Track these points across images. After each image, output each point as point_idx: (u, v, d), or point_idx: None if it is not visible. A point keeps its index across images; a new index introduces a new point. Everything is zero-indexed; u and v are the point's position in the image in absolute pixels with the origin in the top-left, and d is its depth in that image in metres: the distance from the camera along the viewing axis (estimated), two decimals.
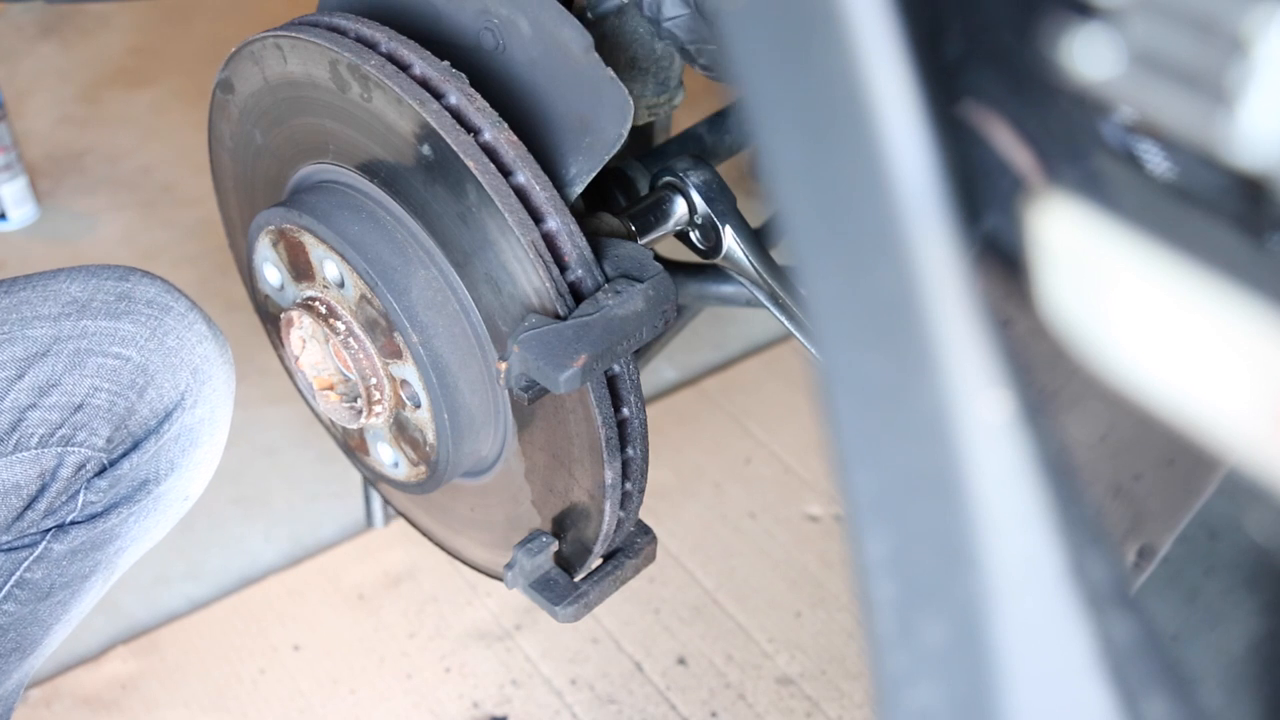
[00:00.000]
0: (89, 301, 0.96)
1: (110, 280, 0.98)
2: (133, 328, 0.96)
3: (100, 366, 0.94)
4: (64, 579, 1.00)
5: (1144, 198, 0.37)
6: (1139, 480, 0.58)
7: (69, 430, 0.94)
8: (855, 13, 0.35)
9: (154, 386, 0.95)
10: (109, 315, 0.96)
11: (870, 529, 0.41)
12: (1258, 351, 0.34)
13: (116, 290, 0.97)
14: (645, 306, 0.87)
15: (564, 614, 0.99)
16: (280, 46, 0.95)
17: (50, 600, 1.00)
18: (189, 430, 0.98)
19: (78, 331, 0.95)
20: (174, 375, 0.96)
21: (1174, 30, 0.32)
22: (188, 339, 0.97)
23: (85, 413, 0.94)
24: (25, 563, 0.98)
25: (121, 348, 0.95)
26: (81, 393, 0.94)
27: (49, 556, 0.98)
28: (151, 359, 0.95)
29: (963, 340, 0.37)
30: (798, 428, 1.68)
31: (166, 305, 0.98)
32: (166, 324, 0.97)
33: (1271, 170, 0.33)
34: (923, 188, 0.36)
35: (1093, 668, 0.39)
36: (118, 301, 0.97)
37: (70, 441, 0.94)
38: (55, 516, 0.97)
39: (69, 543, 0.98)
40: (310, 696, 1.37)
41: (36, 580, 0.99)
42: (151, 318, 0.96)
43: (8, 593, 0.98)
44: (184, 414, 0.97)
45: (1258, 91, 0.31)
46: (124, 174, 2.14)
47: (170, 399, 0.96)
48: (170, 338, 0.96)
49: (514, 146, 0.87)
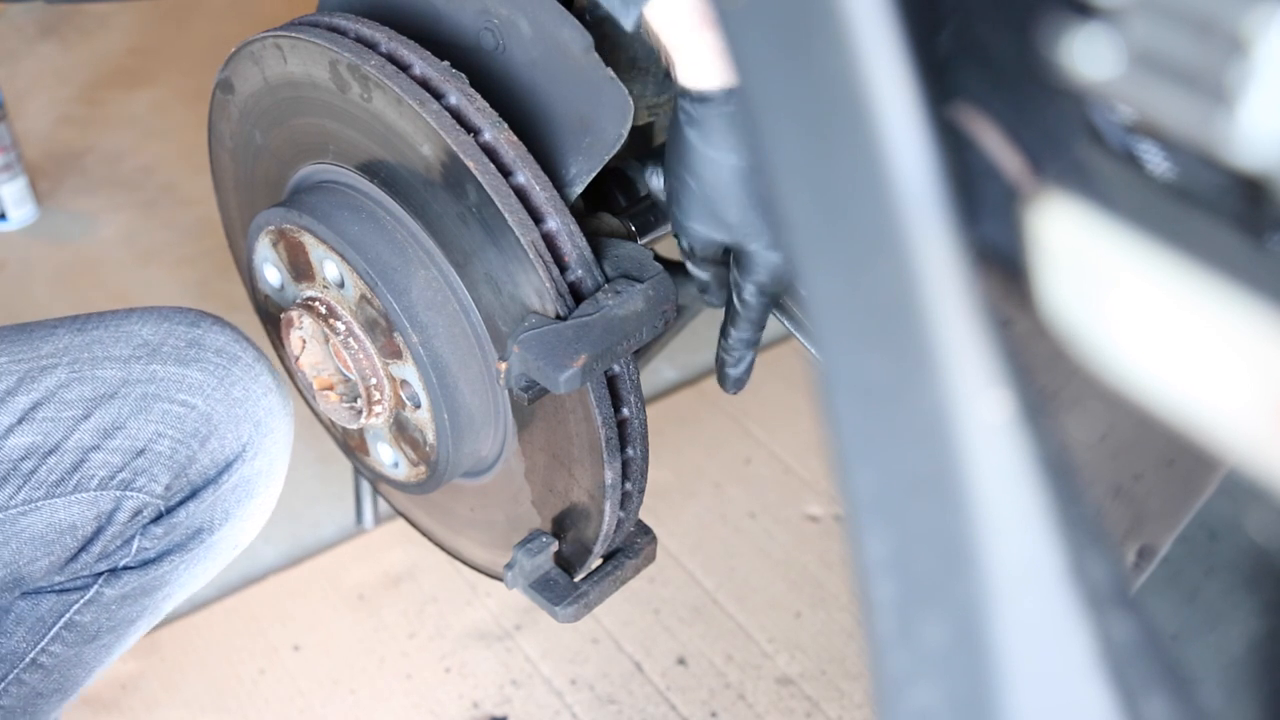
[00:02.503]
0: (160, 345, 0.97)
1: (182, 325, 0.98)
2: (201, 376, 0.96)
3: (166, 413, 0.94)
4: (111, 623, 1.00)
5: (1144, 198, 0.37)
6: (1139, 480, 0.58)
7: (129, 474, 0.94)
8: (855, 12, 0.35)
9: (217, 436, 0.95)
10: (178, 361, 0.96)
11: (870, 529, 0.41)
12: (1258, 351, 0.34)
13: (187, 336, 0.97)
14: (645, 306, 0.87)
15: (564, 614, 0.99)
16: (280, 47, 0.95)
17: (96, 643, 1.00)
18: (246, 481, 0.97)
19: (146, 375, 0.95)
20: (237, 427, 0.96)
21: (1174, 30, 0.32)
22: (253, 390, 0.97)
23: (147, 458, 0.94)
24: (76, 605, 0.98)
25: (188, 395, 0.95)
26: (145, 438, 0.94)
27: (99, 600, 0.98)
28: (216, 409, 0.95)
29: (963, 340, 0.37)
30: (798, 428, 1.68)
31: (235, 355, 0.98)
32: (234, 374, 0.97)
33: (1271, 170, 0.33)
34: (923, 187, 0.36)
35: (1093, 668, 0.39)
36: (188, 348, 0.97)
37: (130, 486, 0.94)
38: (108, 560, 0.97)
39: (120, 588, 0.98)
40: (310, 696, 1.37)
41: (85, 623, 0.99)
42: (220, 367, 0.96)
43: (56, 634, 0.98)
44: (244, 465, 0.97)
45: (1258, 91, 0.31)
46: (124, 174, 2.14)
47: (232, 450, 0.96)
48: (236, 388, 0.96)
49: (514, 146, 0.87)
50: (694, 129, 0.82)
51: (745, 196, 0.83)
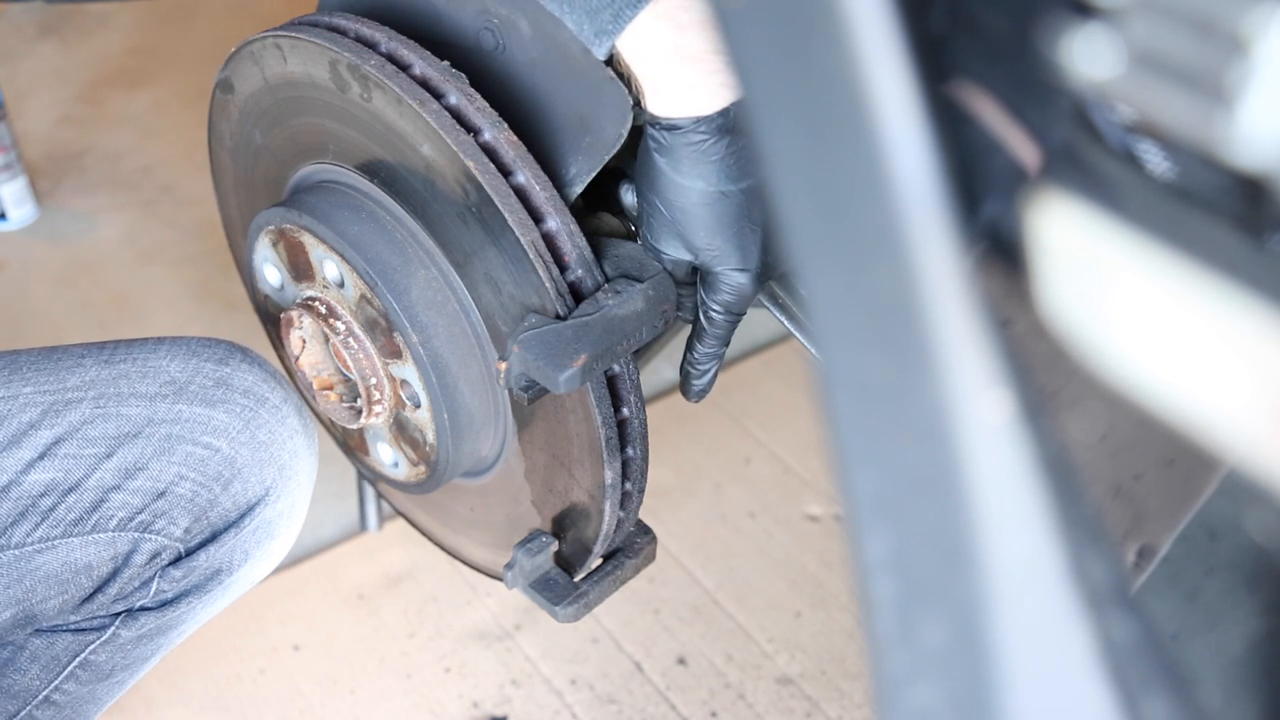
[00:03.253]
0: (187, 384, 0.95)
1: (210, 363, 0.96)
2: (226, 418, 0.94)
3: (189, 455, 0.93)
4: (125, 661, 0.99)
5: (1144, 197, 0.37)
6: (1139, 480, 0.58)
7: (149, 516, 0.93)
8: (855, 12, 0.35)
9: (240, 480, 0.94)
10: (204, 402, 0.94)
11: (870, 529, 0.41)
12: (1258, 351, 0.34)
13: (215, 375, 0.96)
14: (645, 306, 0.87)
15: (564, 614, 0.99)
16: (280, 46, 0.95)
17: (109, 681, 1.00)
18: (268, 523, 0.96)
19: (172, 416, 0.93)
20: (261, 471, 0.95)
21: (1174, 30, 0.32)
22: (279, 434, 0.96)
23: (167, 500, 0.93)
24: (92, 645, 0.97)
25: (213, 438, 0.94)
26: (167, 480, 0.93)
27: (115, 641, 0.97)
28: (241, 452, 0.94)
29: (963, 340, 0.37)
30: (798, 428, 1.68)
31: (263, 396, 0.96)
32: (260, 416, 0.95)
33: (1271, 170, 0.33)
34: (923, 187, 0.36)
35: (1093, 668, 0.39)
36: (215, 387, 0.95)
37: (148, 528, 0.93)
38: (125, 601, 0.96)
39: (137, 629, 0.97)
40: (310, 696, 1.37)
41: (100, 662, 0.98)
42: (246, 409, 0.95)
43: (70, 673, 0.98)
44: (266, 509, 0.96)
45: (1258, 91, 0.31)
46: (124, 174, 2.14)
47: (255, 494, 0.95)
48: (262, 431, 0.95)
49: (514, 146, 0.87)
50: (663, 156, 0.84)
51: (712, 220, 0.85)
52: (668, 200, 0.86)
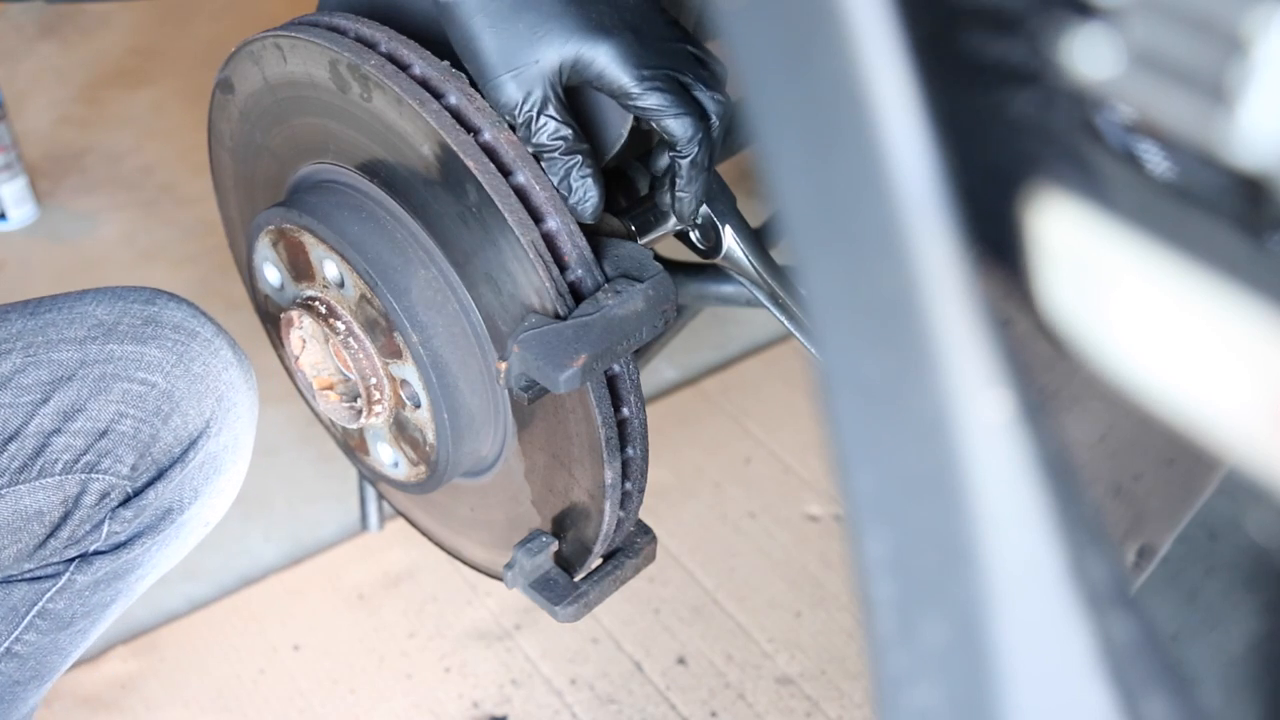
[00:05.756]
0: (115, 325, 0.95)
1: (137, 304, 0.96)
2: (159, 353, 0.94)
3: (126, 392, 0.93)
4: (85, 608, 0.99)
5: (1144, 197, 0.37)
6: (1139, 480, 0.58)
7: (94, 457, 0.93)
8: (855, 12, 0.35)
9: (179, 413, 0.94)
10: (135, 340, 0.94)
11: (870, 529, 0.41)
12: (1258, 351, 0.34)
13: (143, 314, 0.96)
14: (645, 306, 0.87)
15: (564, 614, 0.99)
16: (280, 46, 0.95)
17: (71, 629, 0.99)
18: (213, 458, 0.96)
19: (103, 356, 0.93)
20: (199, 402, 0.95)
21: (1174, 30, 0.32)
22: (213, 365, 0.96)
23: (110, 439, 0.93)
24: (48, 593, 0.97)
25: (147, 373, 0.94)
26: (106, 419, 0.93)
27: (72, 587, 0.97)
28: (177, 385, 0.94)
29: (963, 340, 0.37)
30: (798, 428, 1.68)
31: (193, 330, 0.96)
32: (193, 350, 0.95)
33: (1271, 170, 0.33)
34: (923, 187, 0.36)
35: (1093, 668, 0.39)
36: (144, 325, 0.95)
37: (94, 468, 0.93)
38: (78, 546, 0.95)
39: (92, 574, 0.97)
40: (310, 696, 1.37)
41: (59, 610, 0.98)
42: (178, 343, 0.95)
43: (29, 623, 0.97)
44: (208, 441, 0.96)
45: (1258, 91, 0.31)
46: (124, 174, 2.14)
47: (195, 426, 0.95)
48: (196, 364, 0.95)
49: (514, 146, 0.87)
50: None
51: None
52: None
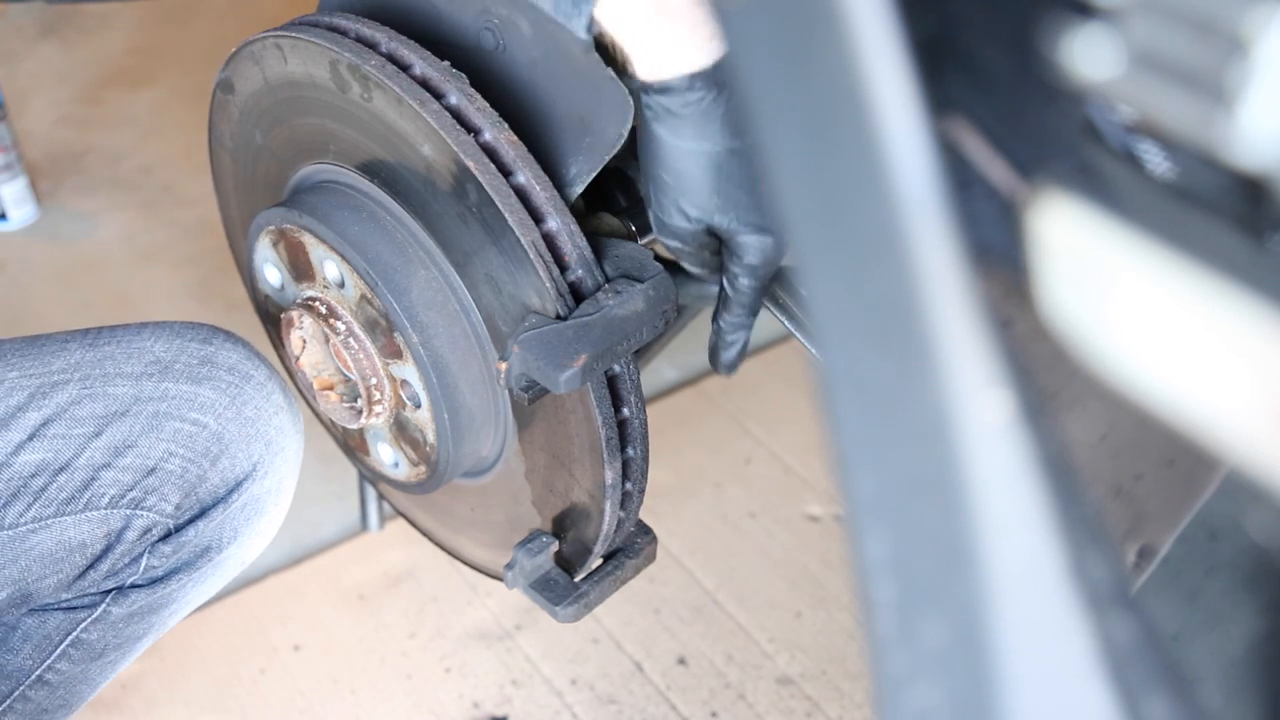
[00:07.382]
0: (172, 363, 0.96)
1: (194, 342, 0.97)
2: (213, 394, 0.95)
3: (177, 431, 0.94)
4: (118, 640, 0.99)
5: (1144, 198, 0.37)
6: (1139, 480, 0.58)
7: (140, 493, 0.94)
8: (855, 12, 0.35)
9: (228, 456, 0.95)
10: (190, 379, 0.95)
11: (870, 529, 0.41)
12: (1258, 351, 0.34)
13: (200, 354, 0.97)
14: (645, 306, 0.87)
15: (564, 614, 0.99)
16: (280, 46, 0.95)
17: (102, 660, 1.00)
18: (256, 500, 0.97)
19: (158, 394, 0.94)
20: (248, 446, 0.95)
21: (1174, 30, 0.32)
22: (265, 410, 0.97)
23: (157, 477, 0.94)
24: (83, 623, 0.97)
25: (200, 414, 0.94)
26: (156, 456, 0.94)
27: (107, 619, 0.98)
28: (228, 428, 0.95)
29: (963, 340, 0.37)
30: (798, 428, 1.68)
31: (247, 373, 0.97)
32: (246, 393, 0.96)
33: (1271, 170, 0.33)
34: (923, 187, 0.36)
35: (1093, 668, 0.39)
36: (200, 365, 0.96)
37: (140, 505, 0.94)
38: (116, 578, 0.96)
39: (128, 606, 0.97)
40: (310, 696, 1.37)
41: (92, 641, 0.98)
42: (232, 385, 0.96)
43: (63, 652, 0.98)
44: (254, 484, 0.96)
45: (1258, 91, 0.31)
46: (124, 174, 2.14)
47: (242, 469, 0.95)
48: (248, 407, 0.96)
49: (514, 146, 0.87)
50: (661, 124, 0.82)
51: (724, 182, 0.83)
52: (675, 170, 0.83)
